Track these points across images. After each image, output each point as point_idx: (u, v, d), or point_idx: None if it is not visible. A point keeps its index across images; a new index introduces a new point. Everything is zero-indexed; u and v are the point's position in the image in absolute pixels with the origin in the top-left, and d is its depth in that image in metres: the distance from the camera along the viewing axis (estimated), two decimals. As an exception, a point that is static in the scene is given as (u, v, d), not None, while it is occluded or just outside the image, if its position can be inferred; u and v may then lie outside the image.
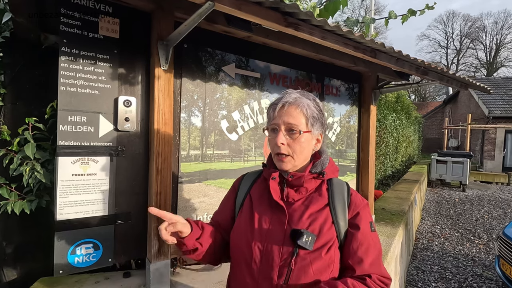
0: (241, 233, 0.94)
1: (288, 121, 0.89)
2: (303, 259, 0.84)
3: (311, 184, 0.93)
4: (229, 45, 1.84)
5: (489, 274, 3.90)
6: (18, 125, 1.58)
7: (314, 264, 0.84)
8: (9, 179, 1.61)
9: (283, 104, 0.90)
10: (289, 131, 0.90)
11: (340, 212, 0.90)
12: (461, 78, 2.58)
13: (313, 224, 0.87)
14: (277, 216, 0.91)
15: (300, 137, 0.90)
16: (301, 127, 0.90)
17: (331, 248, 0.86)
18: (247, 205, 0.99)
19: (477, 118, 12.94)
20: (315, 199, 0.92)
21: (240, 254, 0.93)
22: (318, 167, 0.95)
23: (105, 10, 1.44)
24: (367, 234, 0.89)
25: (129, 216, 1.53)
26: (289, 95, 0.92)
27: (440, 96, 29.13)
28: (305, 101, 0.92)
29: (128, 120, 1.49)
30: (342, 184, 0.97)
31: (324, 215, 0.89)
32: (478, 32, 29.79)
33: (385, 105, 6.65)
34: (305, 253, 0.84)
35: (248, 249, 0.90)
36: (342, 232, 0.89)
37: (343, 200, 0.92)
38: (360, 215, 0.91)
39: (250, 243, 0.90)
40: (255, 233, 0.91)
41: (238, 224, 0.98)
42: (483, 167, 12.58)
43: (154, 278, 1.49)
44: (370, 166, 2.73)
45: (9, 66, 1.73)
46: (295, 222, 0.88)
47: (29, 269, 1.82)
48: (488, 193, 9.20)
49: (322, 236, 0.86)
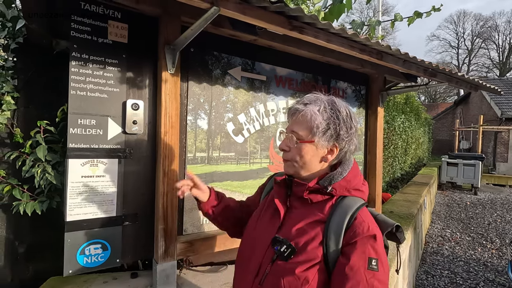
0: (249, 226, 1.01)
1: (292, 128, 0.90)
2: (277, 268, 0.82)
3: (317, 197, 0.87)
4: (235, 48, 1.86)
5: (502, 280, 3.80)
6: (30, 128, 1.63)
7: (285, 277, 0.79)
8: (21, 180, 1.66)
9: (293, 112, 0.91)
10: (290, 138, 0.91)
11: (333, 234, 0.79)
12: (470, 79, 2.54)
13: (300, 237, 0.82)
14: (274, 219, 0.92)
15: (298, 145, 0.88)
16: (301, 135, 0.87)
17: (310, 268, 0.78)
18: (263, 203, 1.04)
19: (489, 119, 12.66)
20: (314, 213, 0.85)
21: (239, 249, 0.99)
22: (326, 181, 0.87)
23: (114, 15, 1.48)
24: (359, 269, 0.74)
25: (137, 217, 1.56)
26: (301, 100, 0.91)
27: (451, 97, 28.61)
28: (313, 108, 0.86)
29: (136, 123, 1.52)
30: (351, 205, 0.83)
31: (315, 232, 0.81)
32: (491, 32, 29.19)
33: (394, 107, 6.58)
34: (281, 262, 0.82)
35: (245, 246, 0.97)
36: (331, 256, 0.78)
37: (341, 222, 0.80)
38: (356, 245, 0.77)
39: (247, 241, 0.96)
40: (255, 230, 0.96)
41: (249, 222, 1.04)
42: (495, 169, 12.28)
43: (160, 279, 1.51)
44: (377, 168, 2.70)
45: (22, 70, 1.79)
46: (284, 230, 0.87)
47: (40, 268, 1.86)
48: (501, 197, 8.97)
49: (304, 253, 0.79)
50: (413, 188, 5.92)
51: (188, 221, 1.71)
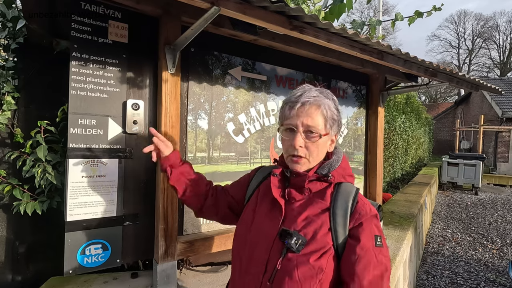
0: (243, 225, 0.96)
1: (307, 123, 0.85)
2: (289, 261, 0.80)
3: (316, 185, 0.89)
4: (236, 48, 1.86)
5: (503, 280, 3.79)
6: (30, 128, 1.63)
7: (299, 268, 0.79)
8: (22, 180, 1.66)
9: (302, 103, 0.85)
10: (308, 133, 0.86)
11: (340, 219, 0.83)
12: (471, 79, 2.54)
13: (307, 227, 0.83)
14: (274, 213, 0.89)
15: (317, 141, 0.86)
16: (321, 129, 0.86)
17: (323, 256, 0.80)
18: (254, 199, 1.00)
19: (490, 119, 12.64)
20: (316, 202, 0.87)
21: (237, 243, 0.95)
22: (325, 169, 0.89)
23: (114, 15, 1.47)
24: (369, 248, 0.79)
25: (137, 217, 1.56)
26: (309, 93, 0.86)
27: (451, 97, 28.58)
28: (326, 101, 0.87)
29: (136, 123, 1.52)
30: (350, 190, 0.88)
31: (322, 220, 0.83)
32: (491, 32, 29.15)
33: (394, 107, 6.58)
34: (292, 255, 0.80)
35: (243, 243, 0.91)
36: (340, 241, 0.81)
37: (346, 206, 0.84)
38: (363, 226, 0.82)
39: (245, 237, 0.91)
40: (251, 226, 0.92)
41: (241, 217, 1.00)
42: (496, 169, 12.26)
43: (161, 279, 1.51)
44: (378, 168, 2.70)
45: (22, 70, 1.79)
46: (290, 222, 0.85)
47: (40, 268, 1.87)
48: (502, 197, 8.96)
49: (314, 242, 0.81)
50: (414, 188, 5.91)
51: (188, 221, 1.71)
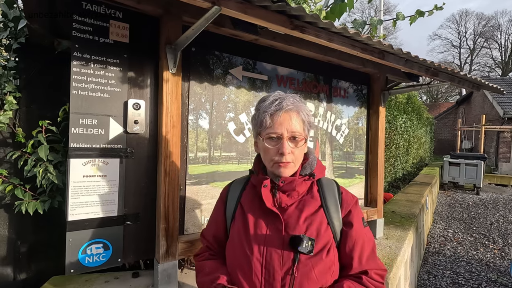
0: (237, 247, 0.91)
1: (292, 129, 0.87)
2: (305, 265, 0.83)
3: (302, 187, 0.92)
4: (237, 48, 1.86)
5: (504, 280, 3.78)
6: (32, 127, 1.63)
7: (316, 268, 0.83)
8: (23, 180, 1.66)
9: (285, 111, 0.87)
10: (292, 139, 0.89)
11: (334, 212, 0.91)
12: (472, 78, 2.53)
13: (310, 228, 0.87)
14: (273, 224, 0.88)
15: (302, 145, 0.90)
16: (303, 135, 0.90)
17: (330, 249, 0.87)
18: (240, 216, 0.95)
19: (491, 119, 12.60)
20: (308, 202, 0.91)
21: (238, 268, 0.89)
22: (307, 169, 0.94)
23: (115, 15, 1.48)
24: (360, 230, 0.92)
25: (138, 217, 1.56)
26: (288, 100, 0.88)
27: (452, 97, 28.50)
28: (302, 106, 0.92)
29: (137, 123, 1.52)
30: (332, 184, 0.97)
31: (319, 217, 0.89)
32: (493, 31, 29.07)
33: (395, 106, 6.56)
34: (306, 258, 0.83)
35: (247, 262, 0.87)
36: (337, 231, 0.91)
37: (335, 200, 0.93)
38: (352, 212, 0.93)
39: (249, 256, 0.87)
40: (252, 245, 0.87)
41: (232, 237, 0.95)
42: (498, 169, 12.22)
43: (162, 279, 1.51)
44: (379, 168, 2.69)
45: (24, 70, 1.79)
46: (292, 228, 0.86)
47: (42, 267, 1.87)
48: (504, 197, 8.93)
49: (320, 239, 0.86)
50: (415, 188, 5.90)
51: (189, 220, 1.71)
